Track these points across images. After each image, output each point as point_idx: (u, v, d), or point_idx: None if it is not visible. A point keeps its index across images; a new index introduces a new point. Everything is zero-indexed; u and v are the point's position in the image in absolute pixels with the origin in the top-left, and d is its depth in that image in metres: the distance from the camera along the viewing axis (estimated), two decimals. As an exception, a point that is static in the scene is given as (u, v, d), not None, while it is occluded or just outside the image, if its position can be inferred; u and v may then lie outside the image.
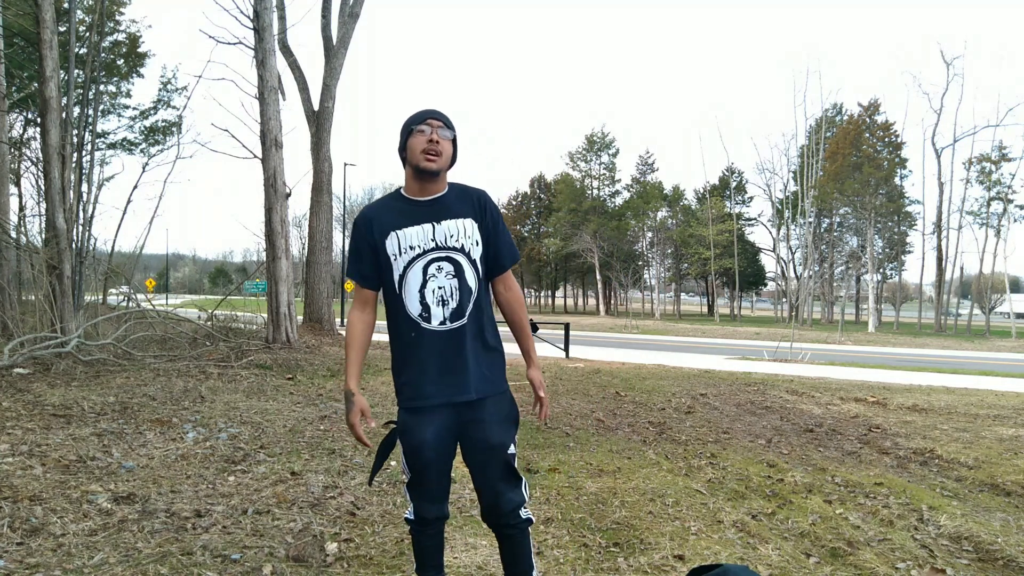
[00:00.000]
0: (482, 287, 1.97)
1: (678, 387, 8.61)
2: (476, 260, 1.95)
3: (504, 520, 1.97)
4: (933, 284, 37.64)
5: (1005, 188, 34.14)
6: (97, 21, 11.51)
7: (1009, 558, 2.93)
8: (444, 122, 1.94)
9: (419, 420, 1.92)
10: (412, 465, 1.94)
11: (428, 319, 1.90)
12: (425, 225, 1.92)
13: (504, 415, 1.97)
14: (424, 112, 1.96)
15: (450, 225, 1.92)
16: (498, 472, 1.95)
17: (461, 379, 1.90)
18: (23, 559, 2.53)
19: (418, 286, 1.90)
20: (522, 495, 1.99)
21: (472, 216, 1.96)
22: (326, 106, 14.29)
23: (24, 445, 4.12)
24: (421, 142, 1.90)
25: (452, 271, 1.91)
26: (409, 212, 1.94)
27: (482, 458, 1.95)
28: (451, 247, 1.92)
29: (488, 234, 1.98)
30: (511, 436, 1.97)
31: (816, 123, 42.05)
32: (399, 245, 1.91)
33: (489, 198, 2.03)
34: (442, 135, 1.91)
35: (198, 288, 76.19)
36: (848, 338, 26.84)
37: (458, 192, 2.00)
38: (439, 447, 1.92)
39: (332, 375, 8.47)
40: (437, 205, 1.95)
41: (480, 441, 1.93)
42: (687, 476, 4.22)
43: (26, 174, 17.12)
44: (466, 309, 1.92)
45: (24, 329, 8.47)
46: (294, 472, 3.90)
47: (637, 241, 52.58)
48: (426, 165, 1.89)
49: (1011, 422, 6.53)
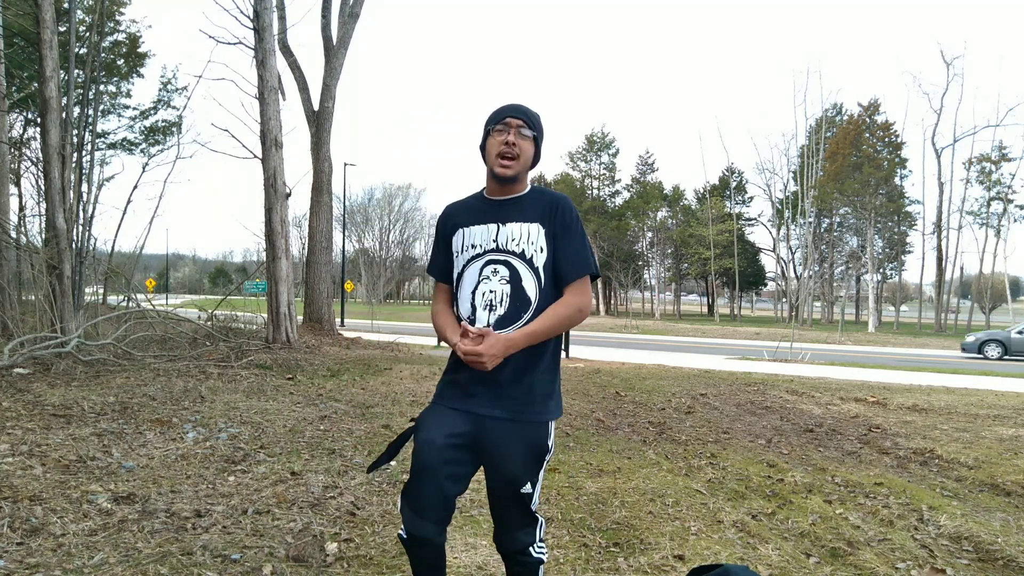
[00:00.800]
0: (544, 299, 1.77)
1: (678, 387, 8.61)
2: (539, 268, 1.77)
3: (512, 556, 1.84)
4: (933, 284, 37.66)
5: (1005, 188, 34.18)
6: (97, 21, 11.51)
7: (1009, 558, 2.93)
8: (525, 120, 1.79)
9: (435, 419, 1.78)
10: (413, 464, 1.77)
11: (472, 322, 1.77)
12: (490, 225, 1.82)
13: (530, 448, 1.76)
14: (503, 109, 1.81)
15: (514, 228, 1.79)
16: (509, 506, 1.79)
17: (488, 392, 1.75)
18: (23, 559, 2.53)
19: (471, 287, 1.80)
20: (533, 536, 1.82)
21: (540, 220, 1.80)
22: (326, 106, 14.29)
23: (24, 445, 4.12)
24: (497, 144, 1.77)
25: (507, 276, 1.77)
26: (480, 211, 1.85)
27: (495, 489, 1.80)
28: (510, 251, 1.78)
29: (555, 239, 1.80)
30: (531, 474, 1.76)
31: (816, 123, 42.07)
32: (463, 243, 1.84)
33: (567, 203, 1.84)
34: (521, 135, 1.78)
35: (198, 288, 76.22)
36: (848, 338, 26.85)
37: (536, 195, 1.85)
38: (447, 453, 1.72)
39: (332, 375, 8.47)
40: (509, 206, 1.83)
41: (495, 470, 1.77)
42: (687, 476, 4.22)
43: (26, 174, 17.13)
44: (516, 319, 1.75)
45: (24, 329, 8.47)
46: (294, 472, 3.90)
47: (637, 241, 52.61)
48: (500, 172, 1.77)
49: (1011, 422, 6.53)
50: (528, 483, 1.76)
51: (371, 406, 6.25)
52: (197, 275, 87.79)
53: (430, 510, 1.73)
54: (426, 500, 1.73)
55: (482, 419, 1.75)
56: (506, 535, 1.81)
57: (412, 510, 1.75)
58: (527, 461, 1.76)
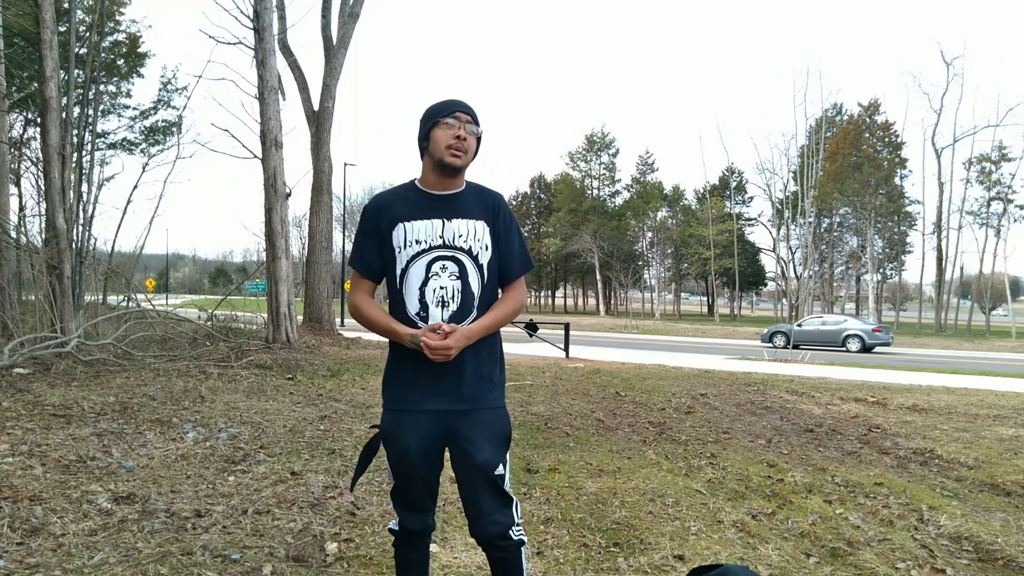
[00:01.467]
0: (488, 294, 1.85)
1: (678, 387, 8.61)
2: (483, 265, 1.83)
3: (491, 542, 1.84)
4: (933, 284, 37.66)
5: (1005, 188, 34.17)
6: (97, 21, 11.51)
7: (1009, 558, 2.93)
8: (473, 117, 1.83)
9: (403, 425, 1.80)
10: (395, 472, 1.83)
11: (425, 319, 1.79)
12: (435, 220, 1.82)
13: (495, 432, 1.83)
14: (452, 103, 1.83)
15: (460, 224, 1.82)
16: (484, 492, 1.82)
17: (453, 387, 1.79)
18: (23, 559, 2.53)
19: (419, 283, 1.80)
20: (511, 517, 1.85)
21: (484, 219, 1.85)
22: (326, 106, 14.29)
23: (24, 445, 4.12)
24: (447, 136, 1.79)
25: (456, 272, 1.80)
26: (421, 204, 1.83)
27: (467, 476, 1.82)
28: (458, 247, 1.81)
29: (499, 239, 1.87)
30: (501, 456, 1.83)
31: (816, 123, 42.04)
32: (405, 237, 1.81)
33: (504, 202, 1.93)
34: (469, 131, 1.81)
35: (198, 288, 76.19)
36: (848, 338, 26.80)
37: (475, 192, 1.89)
38: (424, 455, 1.80)
39: (332, 375, 8.47)
40: (451, 202, 1.84)
41: (466, 458, 1.80)
42: (687, 476, 4.22)
43: (26, 174, 17.15)
44: (467, 314, 1.81)
45: (24, 329, 8.47)
46: (294, 472, 3.90)
47: (637, 241, 52.61)
48: (451, 161, 1.79)
49: (1011, 422, 6.53)
50: (500, 464, 1.83)
51: (371, 406, 6.25)
52: (197, 275, 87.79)
53: (421, 505, 1.87)
54: (416, 499, 1.86)
55: (448, 414, 1.80)
56: (485, 520, 1.82)
57: (406, 509, 1.87)
58: (496, 445, 1.83)
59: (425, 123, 1.85)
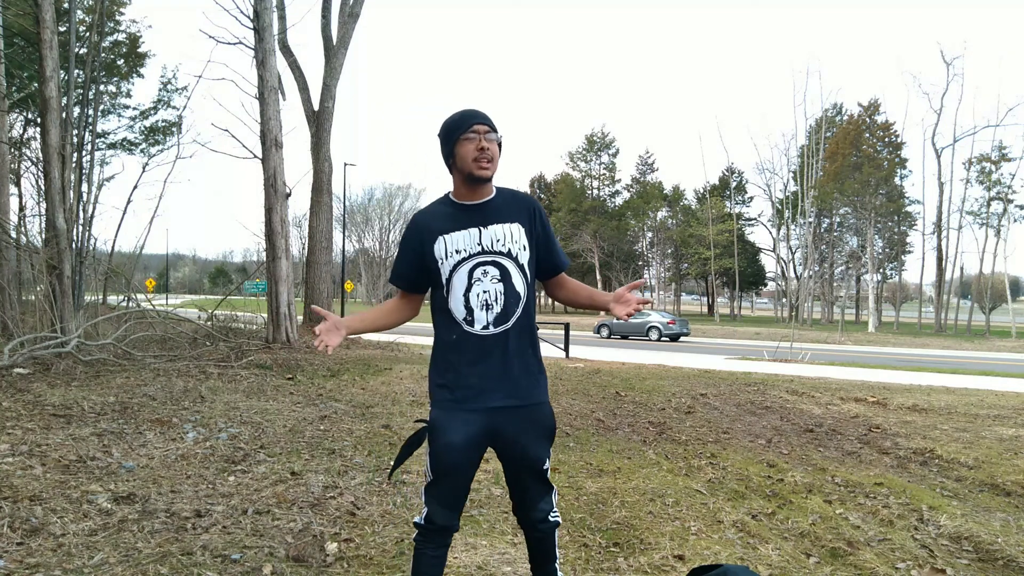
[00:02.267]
0: (530, 293, 1.95)
1: (678, 387, 8.61)
2: (524, 265, 1.92)
3: (534, 524, 2.01)
4: (933, 284, 37.66)
5: (1005, 188, 34.17)
6: (97, 21, 11.51)
7: (1009, 558, 2.93)
8: (489, 125, 1.90)
9: (451, 422, 1.88)
10: (435, 467, 1.90)
11: (471, 323, 1.88)
12: (472, 229, 1.90)
13: (543, 428, 1.95)
14: (467, 117, 1.90)
15: (497, 230, 1.91)
16: (531, 482, 1.97)
17: (500, 385, 1.88)
18: (23, 559, 2.53)
19: (463, 289, 1.88)
20: (551, 502, 2.02)
21: (521, 221, 1.94)
22: (326, 106, 14.29)
23: (24, 445, 4.12)
24: (471, 150, 1.87)
25: (498, 275, 1.89)
26: (456, 216, 1.93)
27: (516, 469, 1.96)
28: (497, 251, 1.90)
29: (538, 239, 1.98)
30: (546, 450, 1.96)
31: (816, 123, 42.07)
32: (445, 249, 1.90)
33: (539, 204, 2.04)
34: (489, 139, 1.88)
35: (198, 288, 76.19)
36: (848, 338, 26.85)
37: (507, 197, 1.98)
38: (466, 452, 1.89)
39: (332, 375, 8.47)
40: (485, 209, 1.93)
41: (515, 453, 1.93)
42: (687, 476, 4.22)
43: (26, 174, 17.13)
44: (511, 314, 1.90)
45: (24, 329, 8.47)
46: (294, 472, 3.90)
47: (637, 241, 52.62)
48: (480, 173, 1.88)
49: (1011, 422, 6.53)
50: (546, 459, 1.96)
51: (371, 406, 6.25)
52: (197, 275, 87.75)
53: (457, 503, 1.95)
54: (452, 495, 1.93)
55: (497, 411, 1.88)
56: (531, 505, 1.99)
57: (441, 506, 1.92)
58: (543, 441, 1.95)
59: (446, 140, 1.92)
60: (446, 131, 1.92)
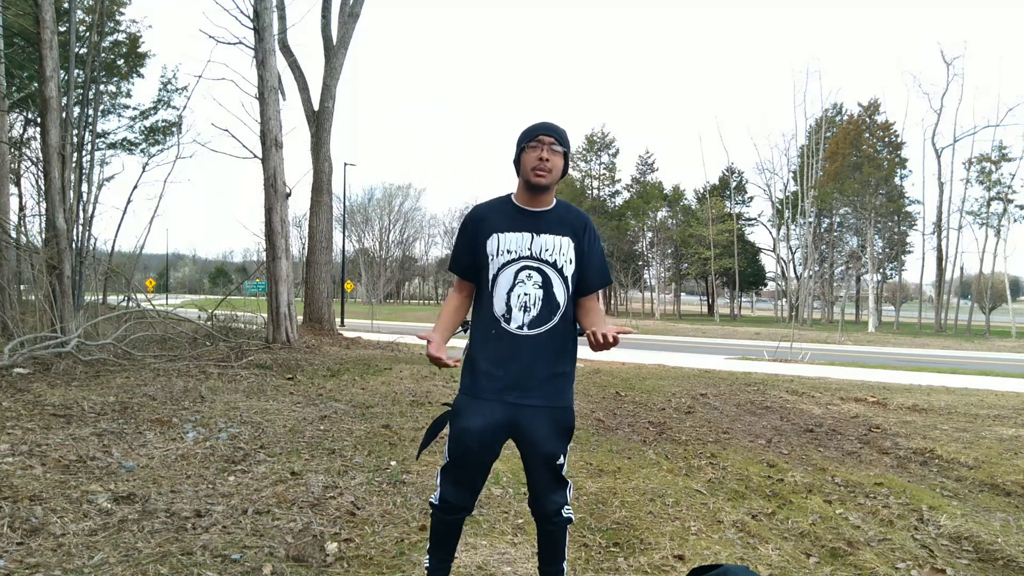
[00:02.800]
0: (570, 303, 2.05)
1: (678, 387, 8.61)
2: (567, 277, 2.03)
3: (547, 517, 2.09)
4: (933, 284, 37.63)
5: (1005, 188, 34.13)
6: (97, 21, 11.51)
7: (1009, 558, 2.93)
8: (556, 138, 2.01)
9: (473, 408, 1.99)
10: (452, 450, 2.02)
11: (508, 320, 1.99)
12: (525, 234, 2.02)
13: (561, 428, 2.04)
14: (537, 128, 2.03)
15: (547, 239, 2.02)
16: (546, 477, 2.05)
17: (525, 384, 1.98)
18: (23, 559, 2.53)
19: (507, 288, 2.00)
20: (565, 497, 2.09)
21: (571, 236, 2.05)
22: (326, 106, 14.29)
23: (24, 445, 4.12)
24: (532, 159, 1.99)
25: (540, 281, 2.00)
26: (514, 218, 2.05)
27: (533, 462, 2.04)
28: (544, 259, 2.02)
29: (583, 255, 2.07)
30: (563, 448, 2.06)
31: (816, 123, 42.05)
32: (498, 247, 2.02)
33: (591, 222, 2.14)
34: (553, 151, 1.99)
35: (198, 288, 76.19)
36: (848, 338, 26.84)
37: (564, 210, 2.10)
38: (484, 439, 1.98)
39: (332, 375, 8.47)
40: (541, 218, 2.05)
41: (533, 448, 2.01)
42: (687, 476, 4.22)
43: (26, 174, 17.13)
44: (547, 320, 2.00)
45: (24, 329, 8.47)
46: (294, 472, 3.90)
47: (637, 241, 52.58)
48: (536, 181, 2.00)
49: (1011, 422, 6.53)
50: (561, 455, 2.05)
51: (371, 406, 6.25)
52: (197, 275, 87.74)
53: (471, 487, 2.06)
54: (468, 478, 2.04)
55: (520, 407, 1.99)
56: (544, 500, 2.07)
57: (456, 487, 2.04)
58: (560, 439, 2.04)
59: (517, 148, 2.07)
60: (519, 139, 2.07)
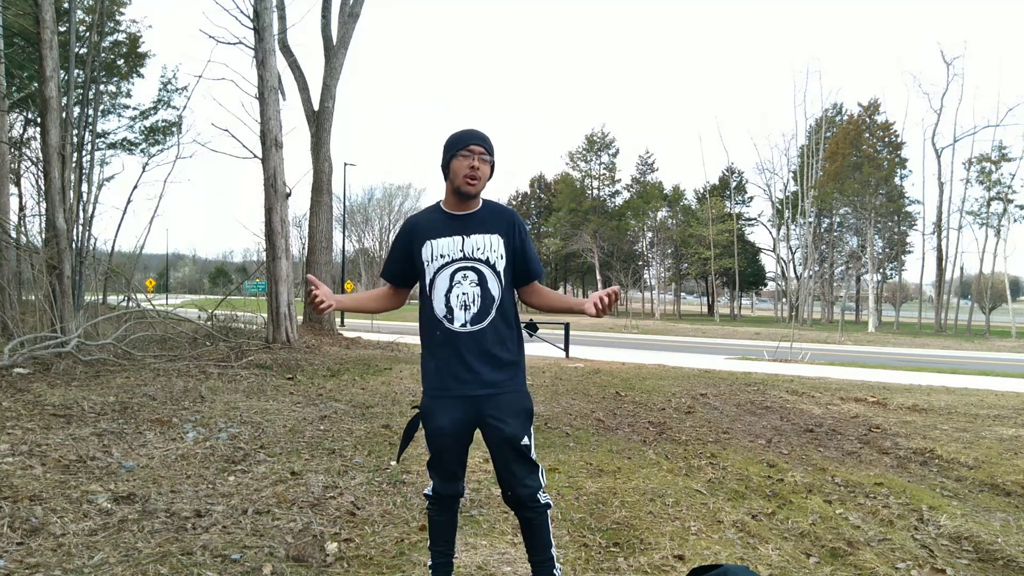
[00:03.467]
0: (506, 296, 2.16)
1: (678, 387, 8.61)
2: (500, 272, 2.14)
3: (524, 504, 2.14)
4: (933, 284, 37.63)
5: (1005, 188, 34.12)
6: (97, 21, 11.51)
7: (1009, 558, 2.93)
8: (485, 148, 2.12)
9: (439, 407, 2.12)
10: (431, 446, 2.16)
11: (451, 320, 2.10)
12: (456, 237, 2.13)
13: (518, 409, 2.14)
14: (467, 137, 2.12)
15: (478, 239, 2.13)
16: (512, 460, 2.12)
17: (476, 377, 2.09)
18: (23, 559, 2.53)
19: (444, 290, 2.11)
20: (538, 481, 2.15)
21: (500, 233, 2.16)
22: (326, 106, 14.29)
23: (24, 445, 4.12)
24: (464, 167, 2.09)
25: (476, 279, 2.11)
26: (444, 224, 2.16)
27: (498, 448, 2.13)
28: (476, 258, 2.12)
29: (516, 250, 2.19)
30: (525, 429, 2.14)
31: (816, 123, 42.04)
32: (431, 253, 2.13)
33: (519, 218, 2.25)
34: (483, 160, 2.10)
35: (198, 288, 76.17)
36: (848, 338, 26.83)
37: (491, 210, 2.21)
38: (455, 433, 2.12)
39: (332, 375, 8.47)
40: (469, 220, 2.16)
41: (495, 433, 2.10)
42: (687, 476, 4.22)
43: (26, 174, 17.13)
44: (487, 314, 2.11)
45: (24, 329, 8.47)
46: (294, 472, 3.90)
47: (637, 241, 52.55)
48: (467, 189, 2.11)
49: (1011, 422, 6.53)
50: (525, 436, 2.13)
51: (371, 406, 6.25)
52: (197, 275, 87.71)
53: (452, 474, 2.19)
54: (448, 469, 2.18)
55: (477, 399, 2.10)
56: (517, 485, 2.13)
57: (440, 477, 2.19)
58: (521, 420, 2.13)
59: (446, 153, 2.15)
60: (447, 145, 2.15)
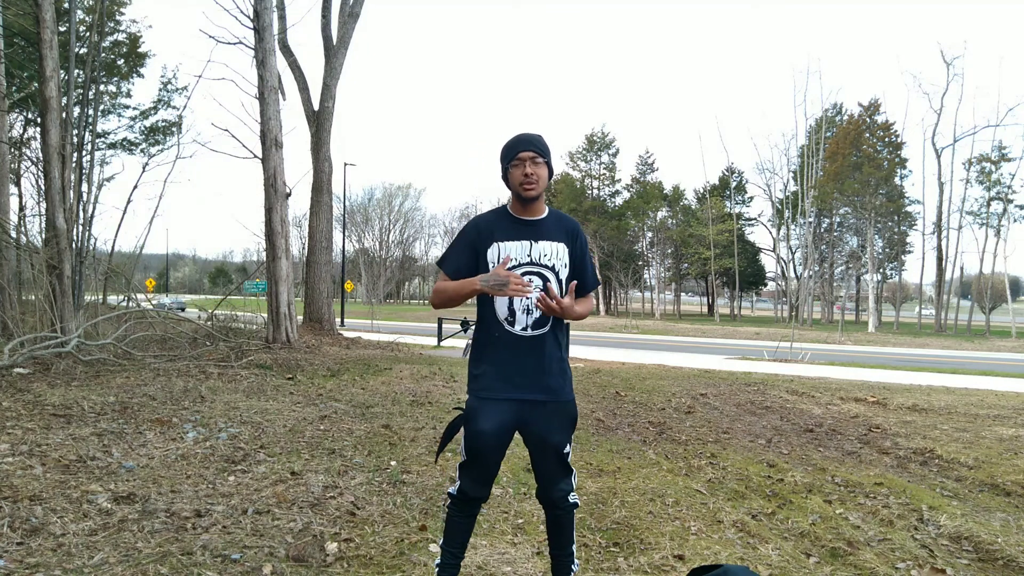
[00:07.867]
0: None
1: (678, 387, 8.61)
2: (563, 279, 2.19)
3: (556, 504, 2.23)
4: (933, 284, 37.61)
5: (1005, 188, 34.09)
6: (97, 21, 11.51)
7: (1009, 558, 2.93)
8: (536, 150, 2.14)
9: (484, 410, 2.14)
10: (469, 448, 2.17)
11: (512, 323, 2.14)
12: (524, 242, 2.18)
13: (566, 420, 2.20)
14: (515, 145, 2.16)
15: (545, 246, 2.19)
16: (553, 465, 2.20)
17: (532, 381, 2.13)
18: (23, 559, 2.53)
19: None
20: (571, 484, 2.25)
21: (565, 242, 2.22)
22: (326, 106, 14.29)
23: (24, 445, 4.12)
24: (518, 176, 2.14)
25: (540, 285, 2.14)
26: (512, 228, 2.21)
27: (540, 452, 2.19)
28: (543, 264, 2.17)
29: (576, 260, 2.24)
30: (569, 438, 2.21)
31: (816, 123, 42.04)
32: (499, 255, 2.17)
33: (581, 229, 2.31)
34: (535, 164, 2.14)
35: (198, 288, 76.18)
36: (848, 338, 26.83)
37: (556, 218, 2.27)
38: (497, 437, 2.14)
39: (332, 375, 8.47)
40: (537, 227, 2.21)
41: (541, 440, 2.17)
42: (687, 476, 4.22)
43: (26, 174, 17.15)
44: (547, 321, 2.16)
45: (24, 329, 8.47)
46: (294, 472, 3.90)
47: (637, 241, 52.57)
48: (526, 194, 2.15)
49: (1011, 422, 6.53)
50: (567, 444, 2.21)
51: (371, 406, 6.25)
52: (197, 275, 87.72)
53: (488, 479, 2.22)
54: (483, 473, 2.20)
55: (526, 403, 2.14)
56: (553, 488, 2.22)
57: (474, 481, 2.20)
58: (566, 430, 2.20)
59: (502, 165, 2.21)
60: (501, 156, 2.20)
